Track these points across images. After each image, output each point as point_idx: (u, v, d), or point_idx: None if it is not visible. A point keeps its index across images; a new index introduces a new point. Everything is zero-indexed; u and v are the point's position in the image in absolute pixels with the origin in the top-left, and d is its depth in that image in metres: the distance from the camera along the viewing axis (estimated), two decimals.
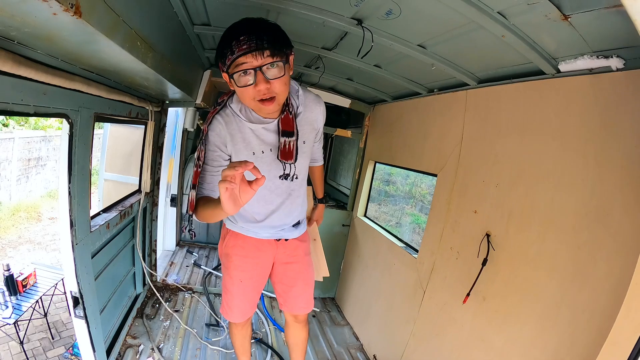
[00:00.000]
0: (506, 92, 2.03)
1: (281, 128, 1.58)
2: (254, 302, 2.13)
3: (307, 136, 1.72)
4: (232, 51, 1.31)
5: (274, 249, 2.02)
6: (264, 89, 1.36)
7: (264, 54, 1.30)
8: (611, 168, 1.47)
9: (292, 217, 1.96)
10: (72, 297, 2.01)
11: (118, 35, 1.23)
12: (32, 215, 8.06)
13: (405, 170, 3.47)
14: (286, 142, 1.58)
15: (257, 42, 1.28)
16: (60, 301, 4.25)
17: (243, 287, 2.02)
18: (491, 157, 2.11)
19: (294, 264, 2.09)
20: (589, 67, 1.54)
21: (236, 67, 1.33)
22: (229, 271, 2.02)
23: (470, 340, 2.08)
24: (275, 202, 1.83)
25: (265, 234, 1.95)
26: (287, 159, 1.62)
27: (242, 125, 1.58)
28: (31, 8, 0.88)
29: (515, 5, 1.35)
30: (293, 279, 2.10)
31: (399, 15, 1.64)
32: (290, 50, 1.41)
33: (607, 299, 1.37)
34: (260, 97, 1.39)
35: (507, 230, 1.93)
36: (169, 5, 1.77)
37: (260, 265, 2.04)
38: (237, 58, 1.31)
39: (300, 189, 1.89)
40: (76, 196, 1.92)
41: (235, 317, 2.12)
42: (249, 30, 1.30)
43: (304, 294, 2.14)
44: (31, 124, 10.51)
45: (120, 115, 2.42)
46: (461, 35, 1.70)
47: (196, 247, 5.24)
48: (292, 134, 1.59)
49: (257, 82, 1.34)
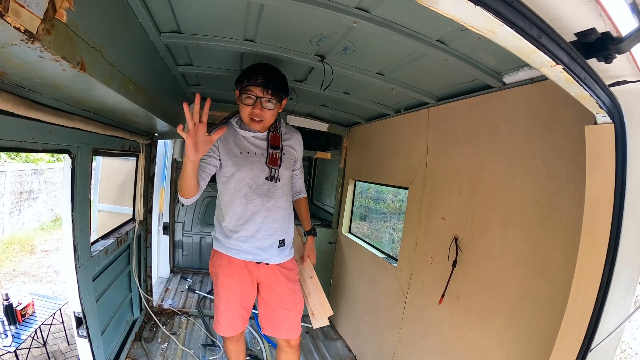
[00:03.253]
0: (461, 107, 2.24)
1: (270, 142, 2.07)
2: (242, 318, 2.25)
3: (287, 154, 2.15)
4: (248, 80, 1.89)
5: (256, 270, 2.18)
6: (257, 113, 1.93)
7: (266, 92, 1.88)
8: (556, 166, 1.63)
9: (274, 229, 2.12)
10: (75, 318, 2.16)
11: (114, 82, 1.46)
12: (26, 248, 8.01)
13: (385, 186, 3.61)
14: (273, 153, 2.06)
15: (265, 82, 1.88)
16: (58, 331, 4.29)
17: (230, 303, 2.18)
18: (452, 168, 2.30)
19: (276, 289, 2.22)
20: (530, 77, 1.74)
21: (246, 91, 1.90)
22: (217, 289, 2.22)
23: (450, 339, 2.19)
24: (255, 202, 2.05)
25: (247, 255, 2.13)
26: (273, 165, 2.06)
27: (236, 133, 2.08)
28: (45, 66, 1.10)
29: (451, 33, 1.57)
30: (275, 302, 2.23)
31: (354, 50, 1.89)
32: (285, 96, 2.00)
33: (566, 286, 1.44)
34: (253, 117, 1.94)
35: (472, 233, 2.09)
36: (155, 50, 2.01)
37: (245, 284, 2.18)
38: (248, 86, 1.89)
39: (281, 198, 2.12)
40: (78, 223, 2.11)
41: (224, 331, 2.25)
42: (265, 73, 1.89)
43: (285, 319, 2.24)
44: (22, 157, 10.49)
45: (115, 149, 2.63)
46: (410, 62, 1.94)
47: (190, 273, 5.34)
48: (278, 147, 2.08)
49: (255, 107, 1.92)
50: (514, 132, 1.87)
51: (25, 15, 0.84)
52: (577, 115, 1.42)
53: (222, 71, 2.50)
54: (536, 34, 0.86)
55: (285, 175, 2.13)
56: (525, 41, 0.86)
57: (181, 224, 5.36)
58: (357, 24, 1.53)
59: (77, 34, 1.10)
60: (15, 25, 0.82)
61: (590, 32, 1.01)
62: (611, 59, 1.07)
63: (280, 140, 2.10)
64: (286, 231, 2.21)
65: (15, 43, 0.90)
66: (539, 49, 0.89)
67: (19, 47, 0.93)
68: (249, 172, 2.03)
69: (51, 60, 1.05)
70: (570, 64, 0.98)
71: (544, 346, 1.55)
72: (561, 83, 1.07)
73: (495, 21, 0.79)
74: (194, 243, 5.45)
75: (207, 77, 2.80)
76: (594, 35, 1.02)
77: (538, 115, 1.74)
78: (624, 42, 1.01)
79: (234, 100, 3.53)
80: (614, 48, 1.03)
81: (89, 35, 1.18)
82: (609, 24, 0.98)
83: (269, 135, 2.08)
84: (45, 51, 0.98)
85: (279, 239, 2.15)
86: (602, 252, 1.31)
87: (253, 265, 2.16)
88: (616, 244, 1.29)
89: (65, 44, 1.05)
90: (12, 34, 0.85)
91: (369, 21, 1.51)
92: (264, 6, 1.53)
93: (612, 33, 1.01)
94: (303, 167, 2.42)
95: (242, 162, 2.03)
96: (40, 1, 0.89)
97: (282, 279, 2.22)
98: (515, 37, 0.84)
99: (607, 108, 1.21)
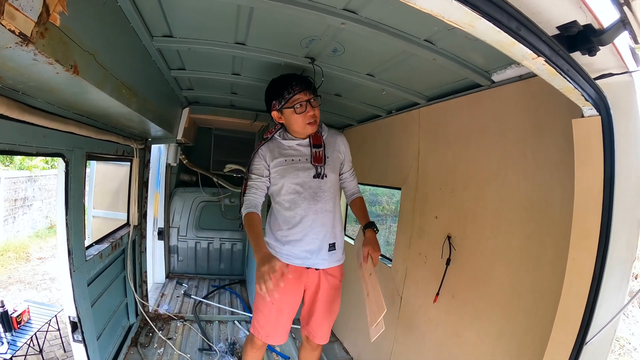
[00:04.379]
0: (451, 107, 2.27)
1: (312, 142, 2.12)
2: (282, 327, 2.22)
3: (331, 153, 2.18)
4: (288, 92, 1.95)
5: (305, 276, 2.17)
6: (313, 114, 2.00)
7: (309, 93, 1.98)
8: (547, 162, 1.65)
9: (323, 232, 2.10)
10: (70, 322, 2.16)
11: (107, 86, 1.48)
12: (21, 256, 7.95)
13: (380, 187, 3.59)
14: (317, 152, 2.11)
15: (303, 85, 1.96)
16: (54, 338, 4.26)
17: (274, 308, 2.16)
18: (444, 167, 2.32)
19: (317, 294, 2.20)
20: (518, 74, 1.75)
21: (294, 102, 1.96)
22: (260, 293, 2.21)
23: (446, 337, 2.19)
24: (303, 206, 2.07)
25: (297, 260, 2.12)
26: (318, 162, 2.10)
27: (280, 144, 2.13)
28: (39, 69, 1.12)
29: (438, 32, 1.59)
30: (317, 308, 2.22)
31: (344, 52, 1.92)
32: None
33: (559, 280, 1.43)
34: (309, 120, 2.00)
35: (465, 230, 2.11)
36: (147, 54, 2.02)
37: (292, 292, 2.16)
38: (293, 96, 1.95)
39: (329, 201, 2.12)
40: (72, 227, 2.11)
41: (269, 339, 2.23)
42: (297, 78, 1.97)
43: (321, 326, 2.26)
44: (16, 164, 10.40)
45: (109, 154, 2.64)
46: (400, 63, 1.96)
47: (185, 278, 5.34)
48: (320, 146, 2.13)
49: (308, 110, 1.98)
50: (504, 130, 1.90)
51: (20, 19, 0.86)
52: (566, 111, 1.43)
53: (214, 75, 2.51)
54: (515, 27, 0.89)
55: (331, 175, 2.14)
56: (504, 34, 0.88)
57: (176, 229, 5.36)
58: (345, 25, 1.55)
59: (70, 38, 1.12)
60: (10, 28, 0.84)
61: (572, 25, 1.03)
62: (595, 51, 1.09)
63: (322, 139, 2.14)
64: (335, 235, 2.17)
65: (9, 46, 0.92)
66: (519, 42, 0.91)
67: (13, 50, 0.94)
68: (295, 177, 2.06)
69: (45, 63, 1.06)
70: (553, 57, 1.00)
71: (540, 341, 1.55)
72: (544, 76, 1.09)
73: (473, 15, 0.81)
74: (189, 248, 5.45)
75: (200, 81, 2.81)
76: (576, 28, 1.04)
77: (527, 112, 1.76)
78: (605, 33, 1.03)
79: (226, 104, 3.55)
80: (596, 40, 1.05)
81: (82, 38, 1.20)
82: (590, 17, 1.01)
83: (310, 138, 2.13)
84: (39, 54, 0.99)
85: (328, 243, 2.13)
86: (594, 245, 1.31)
87: (302, 270, 2.16)
88: (607, 235, 1.29)
89: (58, 47, 1.06)
90: (6, 36, 0.87)
91: (357, 22, 1.53)
92: (254, 9, 1.55)
93: (593, 25, 1.03)
94: (354, 170, 2.39)
95: (288, 169, 2.07)
96: (35, 5, 0.91)
97: (325, 284, 2.20)
98: (494, 30, 0.86)
99: (593, 100, 1.23)
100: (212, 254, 5.55)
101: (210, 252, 5.53)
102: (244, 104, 3.62)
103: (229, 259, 5.62)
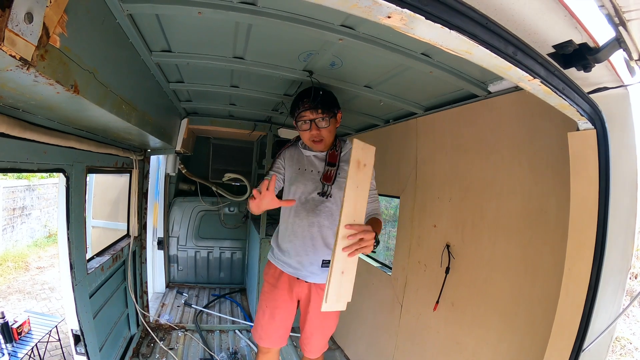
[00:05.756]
0: (449, 117, 2.29)
1: (327, 160, 2.10)
2: (278, 332, 2.23)
3: (344, 174, 2.03)
4: (298, 108, 1.98)
5: (297, 286, 2.17)
6: (315, 134, 1.99)
7: (316, 112, 1.95)
8: (543, 171, 1.67)
9: (317, 246, 2.08)
10: (73, 335, 2.16)
11: (107, 102, 1.49)
12: (20, 265, 7.92)
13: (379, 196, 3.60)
14: (329, 170, 2.08)
15: (312, 103, 1.94)
16: (54, 349, 4.25)
17: (267, 313, 2.20)
18: (442, 176, 2.34)
19: (308, 307, 2.19)
20: (514, 85, 1.76)
21: (300, 118, 2.00)
22: (260, 296, 2.28)
23: (446, 344, 2.20)
24: (302, 217, 2.07)
25: (290, 269, 2.14)
26: (327, 181, 2.06)
27: (299, 152, 2.18)
28: (39, 89, 1.13)
29: (434, 46, 1.60)
30: (307, 322, 2.22)
31: (341, 65, 1.95)
32: (337, 110, 2.05)
33: (557, 288, 1.46)
34: (313, 138, 2.01)
35: (463, 239, 2.13)
36: (146, 69, 2.04)
37: (284, 298, 2.18)
38: (301, 112, 1.98)
39: (329, 217, 2.07)
40: (74, 241, 2.12)
41: (261, 341, 2.25)
42: (310, 95, 1.96)
43: (310, 339, 2.25)
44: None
45: (108, 166, 2.65)
46: (397, 75, 1.99)
47: (186, 287, 5.33)
48: (334, 164, 2.09)
49: (312, 129, 1.98)
50: (500, 139, 1.92)
51: (20, 44, 0.86)
52: (562, 120, 1.44)
53: (212, 87, 2.54)
54: (512, 52, 0.91)
55: (337, 195, 2.07)
56: (501, 59, 0.90)
57: (176, 239, 5.35)
58: (342, 40, 1.58)
59: (70, 58, 1.13)
60: (11, 54, 0.84)
61: (567, 44, 1.06)
62: (590, 67, 1.12)
63: (337, 159, 2.09)
64: (330, 252, 2.08)
65: (10, 69, 0.93)
66: (516, 66, 0.93)
67: (13, 72, 0.95)
68: (302, 187, 2.08)
69: (45, 84, 1.07)
70: (548, 77, 1.02)
71: (538, 348, 1.57)
72: (540, 95, 1.11)
73: (470, 43, 0.83)
74: (189, 257, 5.43)
75: (198, 93, 2.83)
76: (572, 46, 1.07)
77: (523, 122, 1.78)
78: (601, 52, 1.06)
79: (224, 115, 3.58)
80: (592, 58, 1.08)
81: (82, 57, 1.21)
82: (586, 36, 1.03)
83: (327, 153, 2.12)
84: (40, 76, 1.00)
85: (322, 259, 2.10)
86: (590, 254, 1.34)
87: (294, 280, 2.16)
88: (602, 245, 1.31)
89: (59, 68, 1.07)
90: (7, 60, 0.87)
91: (354, 38, 1.56)
92: (252, 26, 1.57)
93: (589, 44, 1.05)
94: (376, 192, 2.21)
95: (297, 177, 2.10)
96: (35, 29, 0.91)
97: (317, 299, 2.16)
98: (491, 56, 0.88)
99: (588, 115, 1.25)
100: (212, 263, 5.53)
101: (210, 261, 5.52)
102: (242, 115, 3.65)
103: (228, 268, 5.60)
